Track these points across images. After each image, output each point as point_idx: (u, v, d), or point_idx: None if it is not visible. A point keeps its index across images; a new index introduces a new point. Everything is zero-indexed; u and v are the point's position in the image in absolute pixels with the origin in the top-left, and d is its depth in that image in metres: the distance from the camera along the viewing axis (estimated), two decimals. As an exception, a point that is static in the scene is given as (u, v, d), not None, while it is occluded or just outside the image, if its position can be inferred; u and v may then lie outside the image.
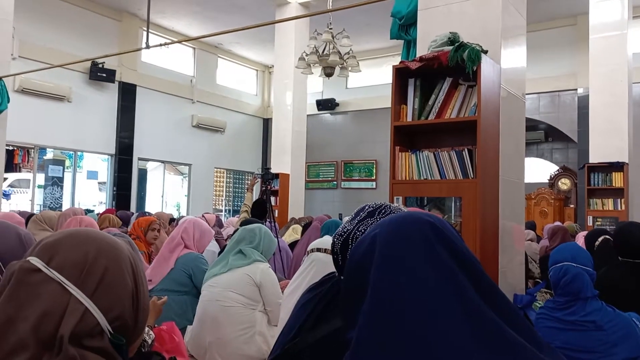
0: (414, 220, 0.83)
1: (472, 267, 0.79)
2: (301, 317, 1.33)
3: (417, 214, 0.86)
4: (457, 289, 0.74)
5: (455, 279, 0.75)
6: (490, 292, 0.77)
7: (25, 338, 0.78)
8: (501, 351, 0.70)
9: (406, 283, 0.75)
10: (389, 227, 0.83)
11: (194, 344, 2.80)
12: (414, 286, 0.75)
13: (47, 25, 9.45)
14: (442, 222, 0.84)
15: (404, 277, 0.76)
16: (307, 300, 1.37)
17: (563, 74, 10.08)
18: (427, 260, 0.77)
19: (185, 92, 11.93)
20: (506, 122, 2.99)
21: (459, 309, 0.72)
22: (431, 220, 0.83)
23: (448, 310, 0.72)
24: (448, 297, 0.73)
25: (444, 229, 0.82)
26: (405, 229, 0.82)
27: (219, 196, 13.33)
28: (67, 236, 0.88)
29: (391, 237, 0.81)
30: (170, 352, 2.21)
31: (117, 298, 0.86)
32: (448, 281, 0.75)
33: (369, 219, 1.34)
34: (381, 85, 11.83)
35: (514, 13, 3.23)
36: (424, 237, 0.80)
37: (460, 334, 0.70)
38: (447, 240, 0.80)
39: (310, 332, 1.29)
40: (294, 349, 1.29)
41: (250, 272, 2.76)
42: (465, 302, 0.73)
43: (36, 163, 9.83)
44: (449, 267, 0.76)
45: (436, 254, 0.77)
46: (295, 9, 9.22)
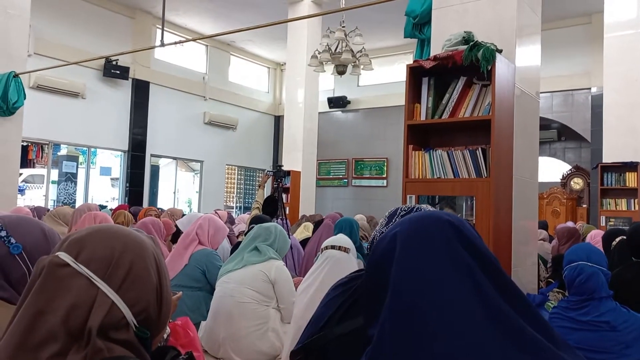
0: (434, 219, 0.85)
1: (491, 266, 0.80)
2: (329, 311, 1.36)
3: (437, 213, 0.88)
4: (477, 287, 0.76)
5: (474, 277, 0.77)
6: (509, 290, 0.79)
7: (55, 330, 0.81)
8: (521, 349, 0.71)
9: (426, 281, 0.77)
10: (410, 225, 0.85)
11: (207, 339, 2.83)
12: (434, 284, 0.76)
13: (62, 22, 9.54)
14: (461, 222, 0.86)
15: (425, 275, 0.77)
16: (336, 295, 1.40)
17: (577, 72, 9.99)
18: (447, 258, 0.78)
19: (198, 89, 11.99)
20: (520, 121, 2.99)
21: (479, 306, 0.73)
22: (451, 220, 0.84)
23: (468, 308, 0.73)
24: (468, 295, 0.75)
25: (463, 228, 0.84)
26: (425, 227, 0.83)
27: (230, 193, 13.40)
28: (95, 232, 0.90)
29: (412, 235, 0.83)
30: (185, 347, 2.24)
31: (142, 292, 0.89)
32: (467, 279, 0.76)
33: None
34: (393, 83, 11.82)
35: (528, 12, 3.21)
36: (444, 236, 0.81)
37: (481, 331, 0.71)
38: (466, 239, 0.82)
39: (336, 326, 1.31)
40: (320, 341, 1.32)
41: (265, 269, 2.78)
42: (484, 300, 0.74)
43: (50, 159, 9.94)
44: (468, 265, 0.78)
45: (455, 252, 0.79)
46: (307, 7, 9.22)
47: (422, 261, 0.79)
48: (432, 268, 0.78)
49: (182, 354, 1.06)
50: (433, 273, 0.77)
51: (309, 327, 1.40)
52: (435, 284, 0.76)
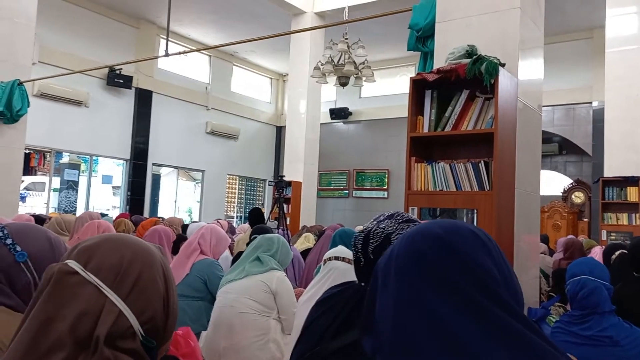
0: (425, 237, 0.78)
1: (486, 286, 0.72)
2: (323, 326, 1.34)
3: (429, 228, 0.80)
4: (477, 314, 0.70)
5: (471, 305, 0.70)
6: (506, 309, 0.73)
7: (63, 337, 0.81)
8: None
9: (419, 316, 0.71)
10: (404, 243, 0.80)
11: (208, 349, 2.82)
12: (428, 321, 0.71)
13: (66, 31, 9.61)
14: (454, 234, 0.78)
15: (417, 310, 0.72)
16: (328, 308, 1.38)
17: (578, 87, 10.04)
18: (440, 285, 0.72)
19: (200, 99, 12.04)
20: (522, 135, 3.00)
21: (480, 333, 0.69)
22: (442, 235, 0.77)
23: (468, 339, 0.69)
24: (467, 326, 0.69)
25: (456, 243, 0.77)
26: (417, 248, 0.77)
27: (230, 202, 13.40)
28: (104, 241, 0.91)
29: (404, 256, 0.78)
30: (186, 357, 2.23)
31: (150, 302, 0.89)
32: (464, 308, 0.70)
33: (388, 220, 1.37)
34: (394, 95, 11.87)
35: (531, 26, 3.24)
36: (435, 257, 0.75)
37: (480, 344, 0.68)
38: (459, 258, 0.75)
39: (332, 341, 1.30)
40: (317, 356, 1.31)
41: (266, 279, 2.78)
42: (487, 324, 0.70)
43: (52, 167, 9.96)
44: (463, 291, 0.71)
45: (447, 278, 0.73)
46: (310, 19, 9.29)
47: (414, 292, 0.74)
48: (424, 300, 0.72)
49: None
50: (425, 307, 0.72)
51: (302, 343, 1.38)
52: (429, 319, 0.71)
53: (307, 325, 1.41)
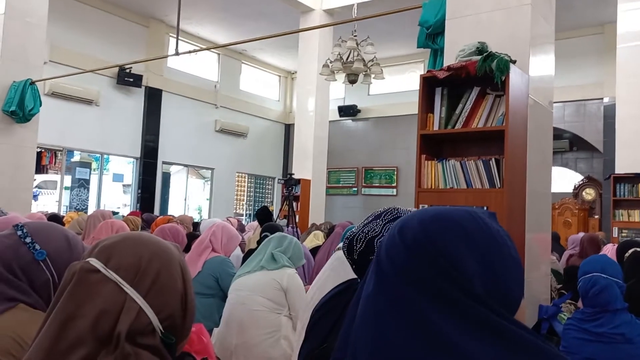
0: (402, 230, 0.72)
1: (452, 278, 0.66)
2: (327, 325, 1.35)
3: (407, 221, 0.73)
4: (445, 306, 0.65)
5: (438, 298, 0.65)
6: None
7: (84, 334, 0.83)
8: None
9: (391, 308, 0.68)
10: (385, 238, 0.75)
11: (220, 346, 2.85)
12: (400, 314, 0.67)
13: (77, 30, 9.68)
14: (433, 224, 0.71)
15: (389, 303, 0.68)
16: (331, 308, 1.39)
17: (589, 83, 9.96)
18: (410, 280, 0.68)
19: (209, 97, 12.09)
20: (533, 132, 2.99)
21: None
22: (417, 228, 0.71)
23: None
24: (436, 319, 0.64)
25: (432, 234, 0.69)
26: (392, 242, 0.72)
27: (240, 200, 13.45)
28: (124, 239, 0.93)
29: (383, 252, 0.73)
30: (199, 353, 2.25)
31: (168, 299, 0.91)
32: (432, 300, 0.65)
33: (375, 221, 1.38)
34: (403, 92, 11.84)
35: (542, 22, 3.22)
36: (407, 250, 0.70)
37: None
38: (430, 251, 0.68)
39: (336, 339, 1.31)
40: (322, 355, 1.32)
41: (278, 276, 2.80)
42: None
43: (64, 165, 10.05)
44: (430, 284, 0.66)
45: (416, 273, 0.67)
46: (319, 16, 9.28)
47: (386, 287, 0.70)
48: (398, 293, 0.68)
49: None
50: (400, 300, 0.68)
51: (308, 343, 1.40)
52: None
53: (312, 326, 1.43)
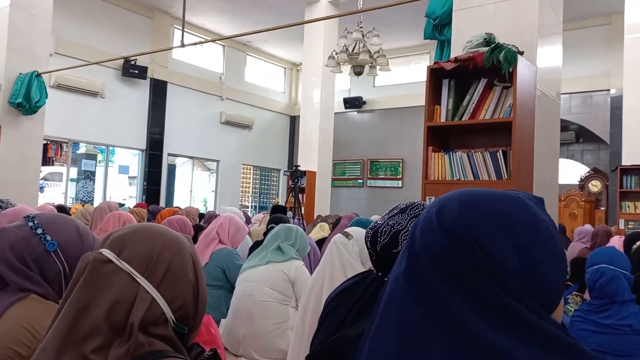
0: (439, 213, 0.67)
1: (486, 269, 0.62)
2: (341, 314, 1.36)
3: (445, 204, 0.68)
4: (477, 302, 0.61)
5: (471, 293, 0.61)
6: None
7: (99, 323, 0.84)
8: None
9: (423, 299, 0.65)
10: (421, 220, 0.70)
11: (228, 337, 2.87)
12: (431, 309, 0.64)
13: (81, 22, 9.68)
14: (470, 211, 0.66)
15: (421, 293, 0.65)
16: (346, 297, 1.40)
17: (596, 74, 9.89)
18: (443, 269, 0.64)
19: (215, 89, 12.08)
20: (541, 123, 2.98)
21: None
22: (457, 214, 0.66)
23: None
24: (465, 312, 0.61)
25: (468, 222, 0.65)
26: (428, 228, 0.67)
27: (245, 192, 13.47)
28: (136, 231, 0.93)
29: (417, 235, 0.69)
30: (207, 344, 2.27)
31: (181, 289, 0.92)
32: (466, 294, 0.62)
33: (400, 215, 1.37)
34: (409, 84, 11.79)
35: (549, 12, 3.20)
36: (443, 237, 0.65)
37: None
38: (464, 239, 0.64)
39: (351, 328, 1.32)
40: (336, 343, 1.32)
41: (285, 268, 2.82)
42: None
43: (70, 157, 10.09)
44: (461, 275, 0.63)
45: (450, 263, 0.64)
46: (324, 7, 9.24)
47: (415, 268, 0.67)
48: (431, 285, 0.65)
49: (206, 351, 1.09)
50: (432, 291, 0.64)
51: (322, 331, 1.41)
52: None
53: (326, 314, 1.44)
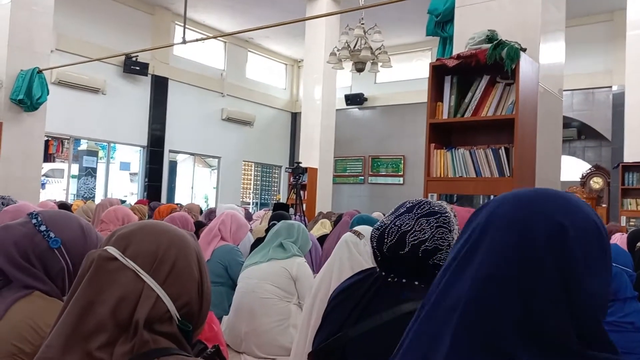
0: (546, 224, 0.65)
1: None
2: (344, 313, 1.36)
3: (548, 213, 0.65)
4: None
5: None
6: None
7: (105, 320, 0.84)
8: None
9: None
10: (509, 218, 0.67)
11: (230, 333, 2.87)
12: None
13: (82, 18, 9.66)
14: (577, 227, 0.65)
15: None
16: (349, 295, 1.39)
17: (597, 71, 9.87)
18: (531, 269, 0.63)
19: (216, 85, 12.07)
20: (543, 120, 2.98)
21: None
22: (566, 226, 0.64)
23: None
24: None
25: (572, 238, 0.63)
26: (527, 234, 0.65)
27: (246, 189, 13.48)
28: (141, 228, 0.93)
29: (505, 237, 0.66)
30: (209, 341, 2.27)
31: (185, 287, 0.92)
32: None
33: (407, 214, 1.35)
34: (410, 81, 11.78)
35: (552, 9, 3.19)
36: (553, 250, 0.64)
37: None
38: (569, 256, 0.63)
39: (353, 327, 1.32)
40: (337, 342, 1.32)
41: (287, 265, 2.82)
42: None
43: (71, 154, 10.09)
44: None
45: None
46: (326, 3, 9.22)
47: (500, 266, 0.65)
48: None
49: (208, 348, 1.09)
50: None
51: (324, 329, 1.41)
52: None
53: (329, 312, 1.44)
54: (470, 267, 0.67)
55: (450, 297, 0.67)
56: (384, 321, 1.26)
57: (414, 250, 1.29)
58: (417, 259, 1.30)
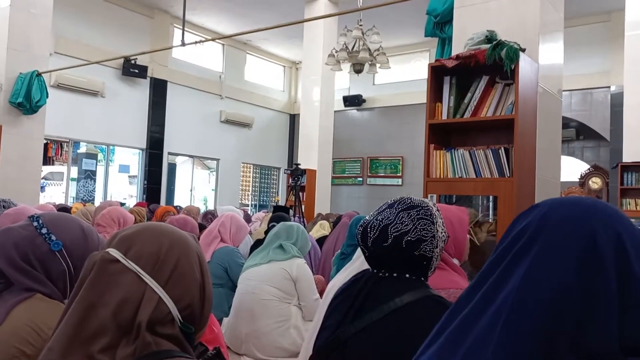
0: (607, 235, 0.65)
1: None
2: (341, 312, 1.39)
3: (610, 225, 0.66)
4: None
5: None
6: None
7: (107, 322, 0.84)
8: None
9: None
10: (573, 226, 0.67)
11: (230, 335, 2.87)
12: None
13: (81, 21, 9.66)
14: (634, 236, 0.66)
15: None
16: (345, 297, 1.43)
17: (596, 71, 9.88)
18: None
19: (214, 88, 12.07)
20: (543, 120, 2.98)
21: None
22: (623, 237, 0.65)
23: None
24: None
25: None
26: (590, 243, 0.65)
27: (245, 191, 13.47)
28: (142, 230, 0.93)
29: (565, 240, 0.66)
30: (210, 343, 2.27)
31: (187, 288, 0.91)
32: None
33: (388, 209, 1.40)
34: (408, 82, 11.79)
35: (551, 9, 3.20)
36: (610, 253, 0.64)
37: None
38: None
39: (351, 324, 1.35)
40: (335, 343, 1.35)
41: (287, 266, 2.82)
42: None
43: (70, 156, 10.08)
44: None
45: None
46: (324, 6, 9.23)
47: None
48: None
49: (209, 350, 1.09)
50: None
51: (324, 332, 1.43)
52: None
53: (328, 314, 1.47)
54: (518, 269, 0.66)
55: (497, 298, 0.67)
56: (379, 317, 1.30)
57: (397, 242, 1.33)
58: (401, 250, 1.33)
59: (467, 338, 0.67)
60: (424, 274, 1.38)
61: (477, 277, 0.73)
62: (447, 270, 1.69)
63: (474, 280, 0.74)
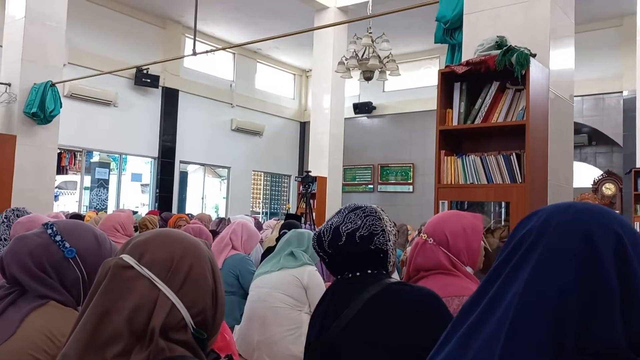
0: (604, 234, 0.67)
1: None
2: (319, 319, 1.48)
3: (606, 224, 0.68)
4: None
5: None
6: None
7: (120, 329, 0.85)
8: None
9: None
10: (571, 228, 0.68)
11: (242, 343, 2.87)
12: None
13: (94, 32, 9.79)
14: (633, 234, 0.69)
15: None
16: (320, 304, 1.53)
17: (608, 76, 9.81)
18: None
19: (225, 96, 12.15)
20: (554, 126, 2.96)
21: None
22: (622, 236, 0.67)
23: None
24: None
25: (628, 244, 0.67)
26: (591, 246, 0.66)
27: (256, 198, 13.50)
28: (156, 236, 0.94)
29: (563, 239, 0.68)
30: (222, 350, 2.27)
31: (200, 295, 0.92)
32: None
33: (336, 215, 1.51)
34: (418, 89, 11.78)
35: (561, 15, 3.19)
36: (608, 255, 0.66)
37: None
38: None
39: (334, 325, 1.40)
40: (328, 338, 1.40)
41: (298, 274, 2.81)
42: None
43: (84, 166, 10.18)
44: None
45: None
46: (334, 14, 9.27)
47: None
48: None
49: (221, 357, 1.09)
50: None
51: (310, 337, 1.51)
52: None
53: (310, 322, 1.56)
54: (521, 274, 0.67)
55: (501, 304, 0.67)
56: (354, 313, 1.37)
57: (351, 239, 1.42)
58: (356, 245, 1.42)
59: (474, 343, 0.68)
60: (384, 267, 1.47)
61: (482, 284, 0.73)
62: (459, 277, 1.68)
63: (479, 286, 0.74)
